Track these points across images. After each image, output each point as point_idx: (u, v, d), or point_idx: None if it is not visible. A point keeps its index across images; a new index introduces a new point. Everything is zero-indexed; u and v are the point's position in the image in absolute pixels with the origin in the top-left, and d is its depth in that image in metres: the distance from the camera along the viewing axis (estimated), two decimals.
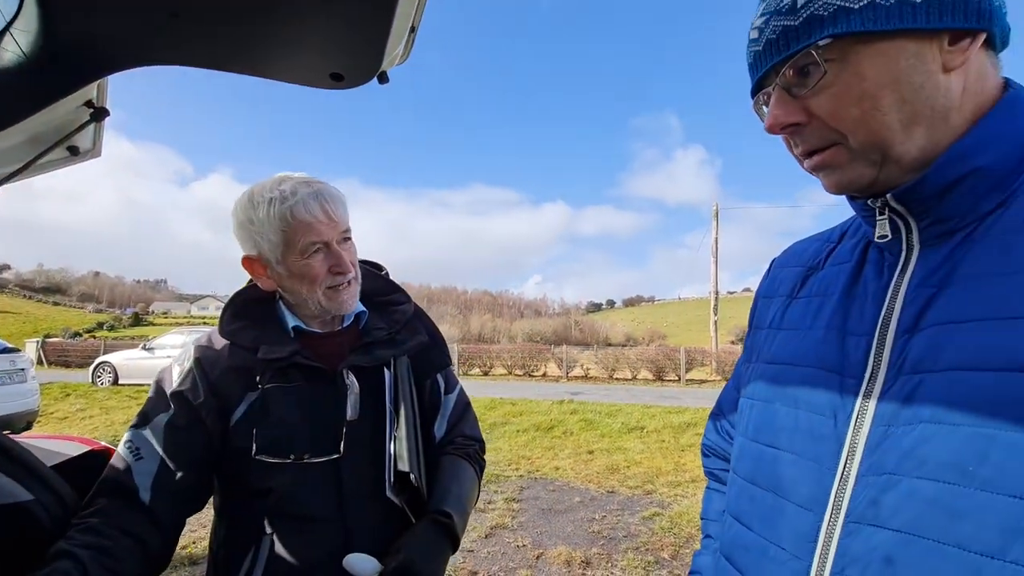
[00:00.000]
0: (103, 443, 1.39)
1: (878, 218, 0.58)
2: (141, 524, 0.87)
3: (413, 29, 0.95)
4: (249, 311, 1.07)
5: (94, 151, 1.17)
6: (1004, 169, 0.52)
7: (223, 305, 1.11)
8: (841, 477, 0.53)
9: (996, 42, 0.54)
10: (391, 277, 1.28)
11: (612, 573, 3.32)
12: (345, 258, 1.01)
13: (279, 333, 1.04)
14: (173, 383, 0.99)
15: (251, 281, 1.11)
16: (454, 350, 19.78)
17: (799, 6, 0.53)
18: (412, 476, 1.00)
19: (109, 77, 0.94)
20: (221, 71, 0.91)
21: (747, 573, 0.61)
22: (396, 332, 1.13)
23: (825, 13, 0.51)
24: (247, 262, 1.03)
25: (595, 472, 5.66)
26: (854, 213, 0.65)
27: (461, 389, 1.26)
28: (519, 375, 19.83)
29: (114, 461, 0.93)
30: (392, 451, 1.01)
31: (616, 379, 18.73)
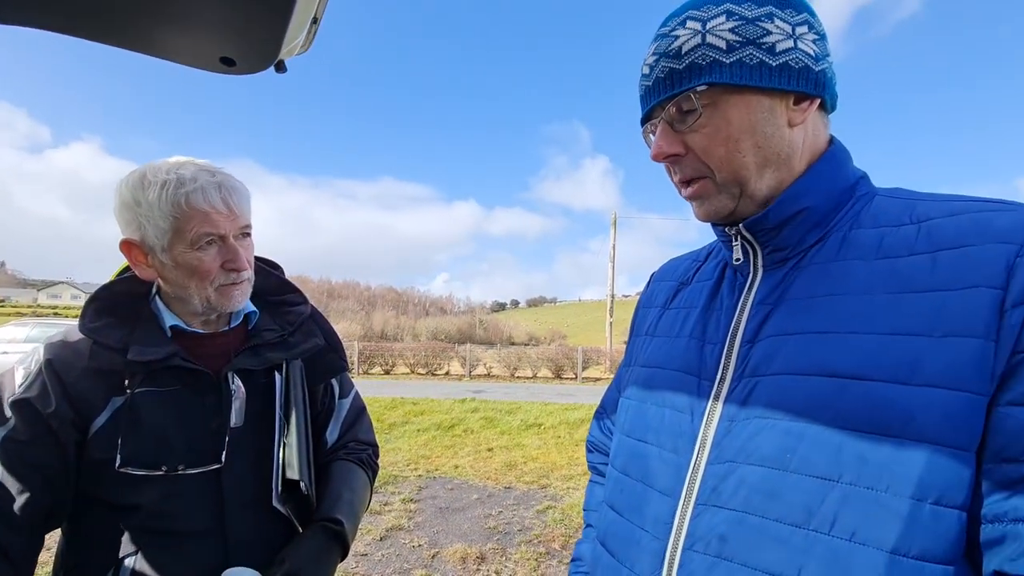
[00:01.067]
0: None
1: (734, 243, 0.68)
2: None
3: (316, 20, 0.92)
4: (118, 307, 0.96)
5: None
6: (824, 209, 0.63)
7: (81, 294, 1.00)
8: (694, 467, 0.61)
9: (828, 106, 0.66)
10: (287, 271, 1.21)
11: (506, 567, 3.41)
12: (242, 255, 0.94)
13: (154, 332, 0.93)
14: (15, 389, 0.85)
15: (122, 272, 1.00)
16: (355, 348, 18.99)
17: (683, 53, 0.61)
18: (303, 484, 0.96)
19: None
20: (84, 39, 0.81)
21: (617, 556, 0.68)
22: (289, 334, 1.07)
23: (703, 63, 0.60)
24: (126, 246, 0.93)
25: (493, 469, 5.76)
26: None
27: (356, 393, 1.24)
28: (422, 374, 19.56)
29: None
30: (281, 459, 0.97)
31: (518, 377, 19.16)
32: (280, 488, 0.95)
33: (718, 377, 0.63)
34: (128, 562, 0.85)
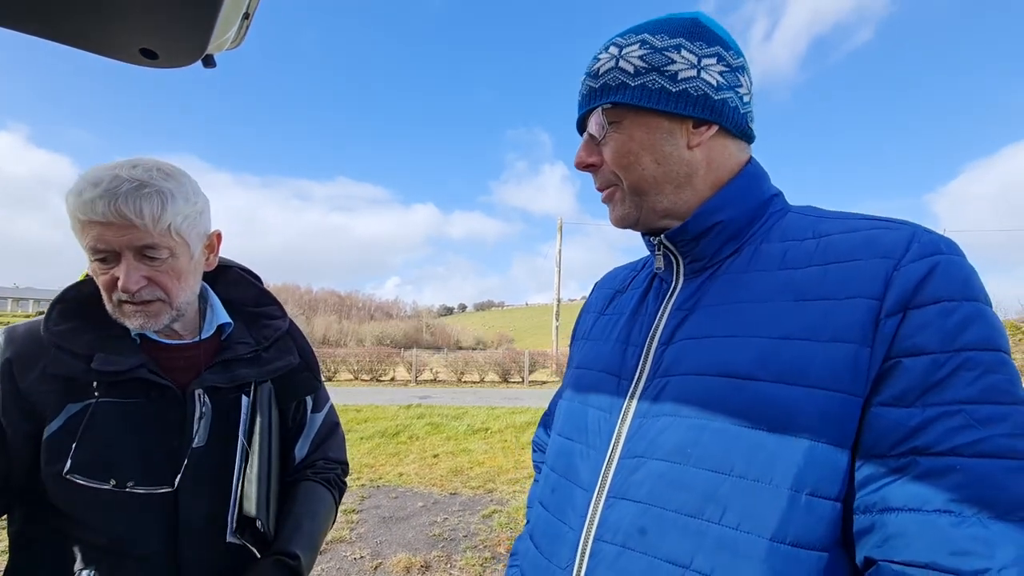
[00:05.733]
0: None
1: (657, 253, 0.73)
2: None
3: (247, 15, 0.89)
4: (86, 309, 0.90)
5: None
6: (739, 223, 0.68)
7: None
8: (608, 461, 0.65)
9: (736, 132, 0.68)
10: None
11: (451, 573, 3.38)
12: (132, 276, 0.82)
13: (123, 339, 0.89)
14: None
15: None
16: None
17: (599, 74, 0.69)
18: (259, 522, 0.91)
19: None
20: None
21: (542, 550, 0.70)
22: (264, 349, 1.02)
23: (613, 83, 0.67)
24: None
25: (439, 476, 5.70)
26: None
27: (331, 408, 1.18)
28: (366, 380, 19.05)
29: None
30: (239, 491, 0.92)
31: (465, 382, 19.06)
32: (235, 524, 0.91)
33: (636, 377, 0.67)
34: None
